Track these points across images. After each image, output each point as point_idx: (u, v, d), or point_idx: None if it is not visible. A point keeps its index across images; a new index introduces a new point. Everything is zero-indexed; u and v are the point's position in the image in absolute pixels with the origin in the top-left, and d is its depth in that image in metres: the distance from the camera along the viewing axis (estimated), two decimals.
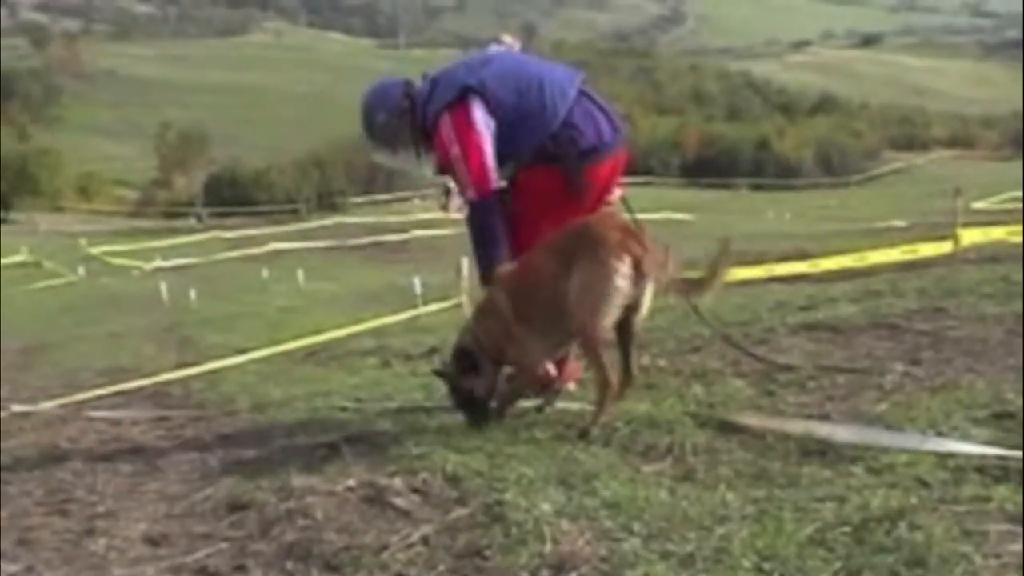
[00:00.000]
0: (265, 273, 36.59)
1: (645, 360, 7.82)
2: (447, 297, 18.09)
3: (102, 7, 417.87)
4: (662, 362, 7.78)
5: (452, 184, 7.15)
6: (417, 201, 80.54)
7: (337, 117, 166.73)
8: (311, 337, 13.86)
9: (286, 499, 5.21)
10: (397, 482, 5.17)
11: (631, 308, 5.94)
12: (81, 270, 45.23)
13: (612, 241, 5.84)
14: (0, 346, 23.81)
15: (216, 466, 6.48)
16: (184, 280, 35.65)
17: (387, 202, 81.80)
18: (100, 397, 11.16)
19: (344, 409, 7.51)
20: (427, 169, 7.16)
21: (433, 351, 11.07)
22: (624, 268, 5.77)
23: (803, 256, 20.73)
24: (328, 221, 63.60)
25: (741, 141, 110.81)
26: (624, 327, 6.06)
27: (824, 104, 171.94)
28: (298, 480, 5.48)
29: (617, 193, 7.15)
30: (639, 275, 5.84)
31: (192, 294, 30.91)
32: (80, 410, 10.57)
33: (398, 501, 4.95)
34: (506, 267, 6.45)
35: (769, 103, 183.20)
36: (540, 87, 6.69)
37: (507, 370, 6.43)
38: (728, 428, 5.52)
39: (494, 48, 7.73)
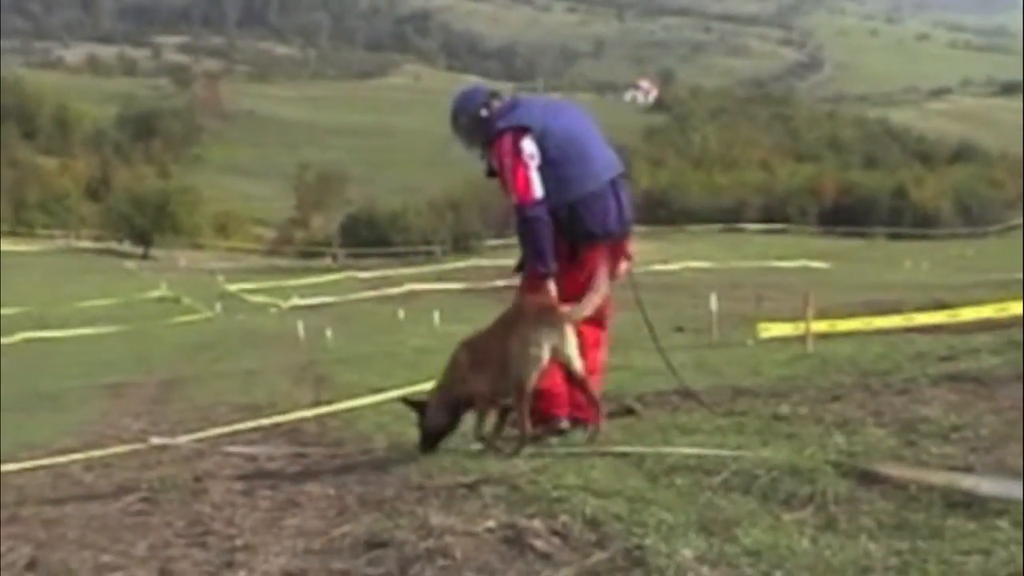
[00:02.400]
0: (401, 313, 36.87)
1: (785, 408, 7.77)
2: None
3: (244, 49, 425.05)
4: (803, 410, 7.70)
5: None
6: None
7: (473, 160, 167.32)
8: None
9: (425, 538, 5.19)
10: (536, 524, 5.15)
11: (560, 363, 7.34)
12: (218, 307, 45.90)
13: (533, 318, 7.28)
14: (139, 379, 24.24)
15: (354, 503, 6.50)
16: (320, 319, 36.05)
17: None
18: (237, 432, 11.30)
19: (482, 450, 7.51)
20: (486, 166, 8.09)
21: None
22: (542, 339, 7.17)
23: (942, 306, 20.48)
24: (463, 263, 63.90)
25: (879, 189, 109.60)
26: (568, 375, 7.49)
27: (963, 152, 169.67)
28: (437, 519, 5.47)
29: (624, 267, 8.31)
30: (556, 341, 7.23)
31: (328, 333, 31.19)
32: (217, 444, 10.71)
33: (538, 543, 4.93)
34: (470, 336, 7.92)
35: (907, 151, 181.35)
36: (581, 160, 7.63)
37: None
38: (870, 478, 5.45)
39: (568, 104, 8.47)
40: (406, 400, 8.23)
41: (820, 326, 18.45)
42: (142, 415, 16.29)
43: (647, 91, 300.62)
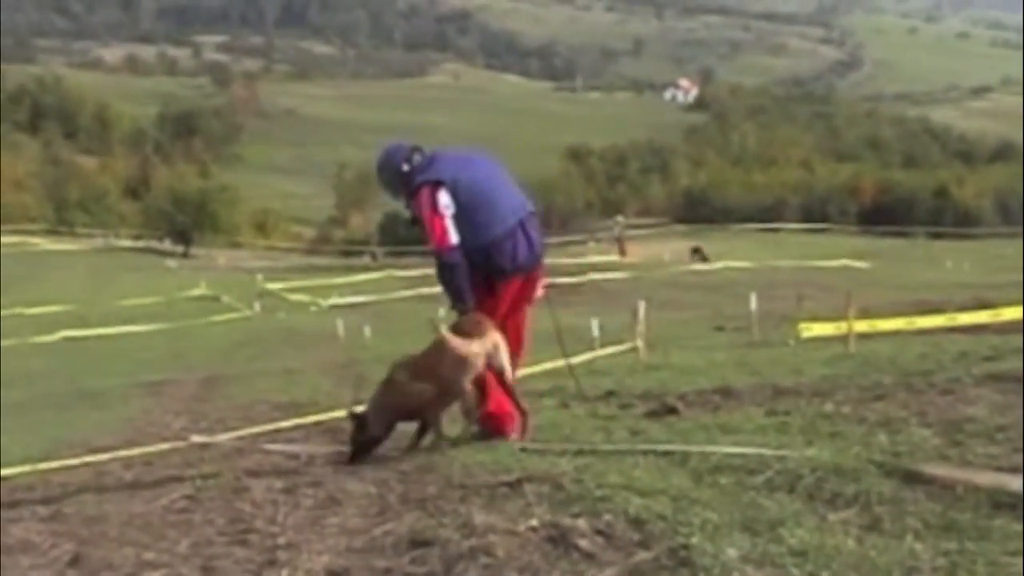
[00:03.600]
0: (441, 312, 36.81)
1: (828, 408, 7.74)
2: (622, 340, 18.08)
3: (283, 48, 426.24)
4: (846, 410, 7.67)
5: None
6: (592, 244, 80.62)
7: (513, 159, 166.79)
8: None
9: (468, 536, 5.18)
10: (580, 523, 5.13)
11: (495, 369, 8.19)
12: (257, 305, 45.89)
13: (467, 331, 8.15)
14: (180, 377, 24.31)
15: (395, 502, 6.49)
16: (360, 317, 36.03)
17: (561, 245, 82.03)
18: (277, 430, 11.31)
19: (524, 449, 7.49)
20: (409, 214, 8.94)
21: (610, 394, 11.05)
22: (475, 350, 8.03)
23: (983, 306, 20.34)
24: None
25: (919, 188, 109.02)
26: (500, 382, 8.30)
27: (1004, 151, 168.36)
28: (480, 518, 5.45)
29: (540, 293, 8.93)
30: (489, 349, 8.11)
31: (367, 331, 31.21)
32: (257, 443, 10.74)
33: (582, 542, 4.91)
34: (403, 358, 8.72)
35: (948, 150, 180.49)
36: (490, 208, 8.45)
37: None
38: (915, 478, 5.41)
39: (479, 156, 9.26)
40: (352, 414, 8.82)
41: (861, 326, 18.38)
42: (182, 413, 16.33)
43: (687, 90, 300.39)
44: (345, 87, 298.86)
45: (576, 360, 15.55)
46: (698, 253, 61.49)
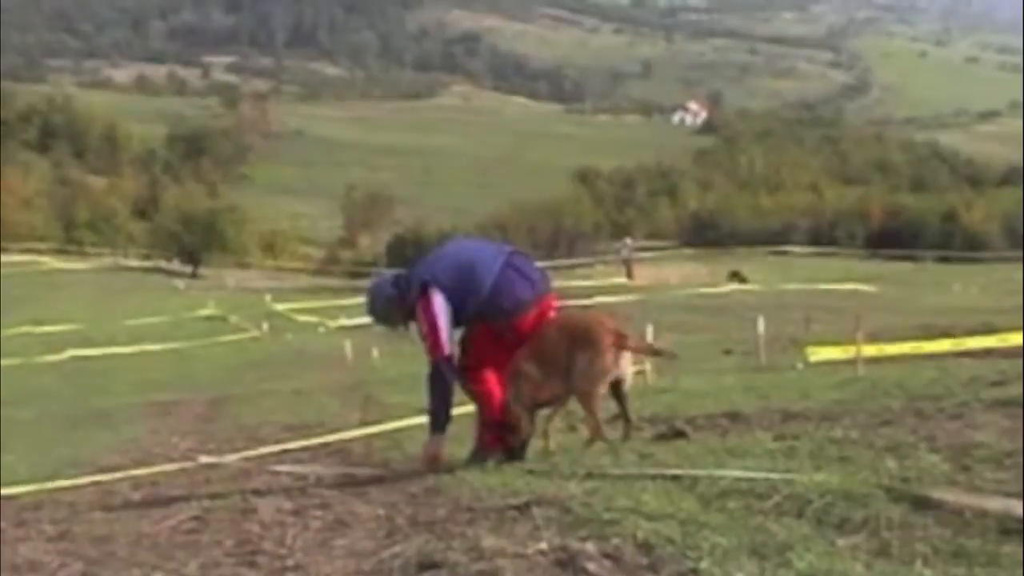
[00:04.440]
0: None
1: (836, 432, 7.73)
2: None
3: (292, 69, 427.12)
4: (854, 434, 7.66)
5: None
6: (599, 267, 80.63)
7: (521, 181, 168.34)
8: None
9: (477, 560, 5.17)
10: (589, 547, 5.12)
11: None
12: (265, 326, 45.91)
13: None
14: (187, 398, 24.34)
15: (404, 524, 6.49)
16: (367, 339, 36.01)
17: (570, 267, 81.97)
18: (285, 451, 11.33)
19: (532, 472, 7.50)
20: (413, 336, 9.39)
21: (618, 417, 11.05)
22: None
23: (992, 331, 20.32)
24: None
25: (927, 212, 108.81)
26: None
27: (1012, 176, 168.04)
28: (488, 541, 5.45)
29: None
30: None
31: (375, 353, 31.23)
32: (265, 463, 10.77)
33: (590, 566, 4.90)
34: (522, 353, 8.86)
35: (956, 174, 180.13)
36: (472, 269, 8.92)
37: None
38: (924, 503, 5.40)
39: (448, 244, 9.96)
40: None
41: (869, 350, 18.37)
42: (190, 433, 16.36)
43: (695, 113, 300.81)
44: (354, 108, 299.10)
45: None
46: (736, 276, 61.44)
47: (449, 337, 8.92)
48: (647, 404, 12.34)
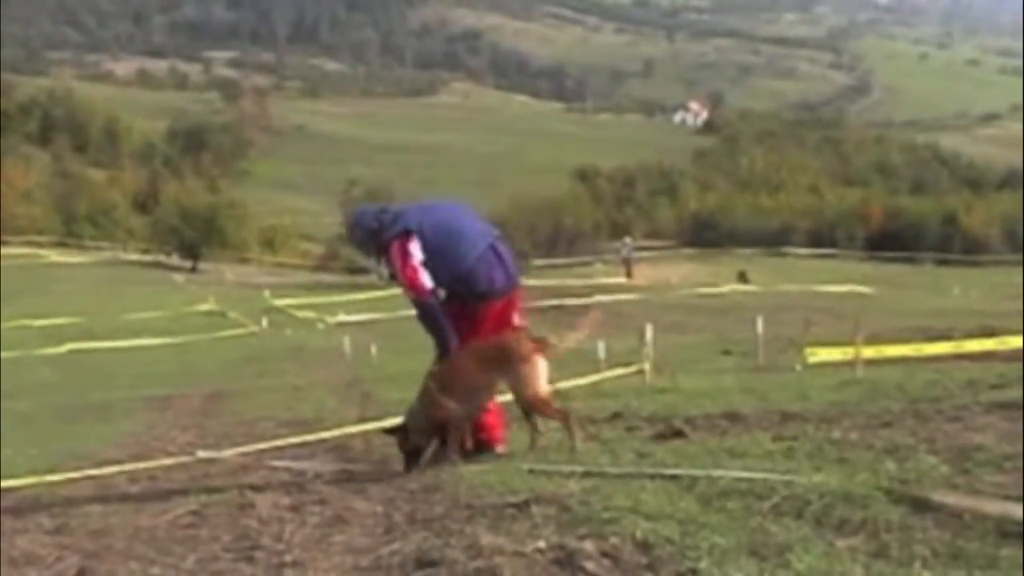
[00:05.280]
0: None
1: (835, 434, 7.73)
2: (630, 363, 18.05)
3: (293, 64, 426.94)
4: (853, 436, 7.66)
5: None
6: (599, 265, 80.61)
7: (521, 178, 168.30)
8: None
9: (475, 557, 5.17)
10: (587, 545, 5.11)
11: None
12: (264, 321, 45.87)
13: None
14: (186, 392, 24.32)
15: (402, 521, 6.49)
16: (366, 335, 36.02)
17: (569, 266, 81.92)
18: (283, 447, 11.32)
19: (531, 470, 7.49)
20: (383, 272, 9.56)
21: (616, 416, 11.04)
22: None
23: (991, 333, 20.33)
24: None
25: (927, 215, 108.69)
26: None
27: (1012, 179, 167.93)
28: (487, 539, 5.44)
29: (517, 316, 9.40)
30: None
31: (374, 349, 31.22)
32: (263, 459, 10.75)
33: (588, 565, 4.90)
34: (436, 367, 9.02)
35: (956, 177, 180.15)
36: (458, 239, 8.99)
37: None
38: (923, 505, 5.40)
39: (441, 202, 9.84)
40: (387, 429, 9.49)
41: (868, 352, 18.36)
42: (188, 428, 16.35)
43: (696, 113, 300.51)
44: (355, 105, 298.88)
45: (582, 382, 15.61)
46: (743, 277, 61.62)
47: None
48: (645, 403, 12.34)
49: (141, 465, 11.02)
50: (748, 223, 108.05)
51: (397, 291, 9.59)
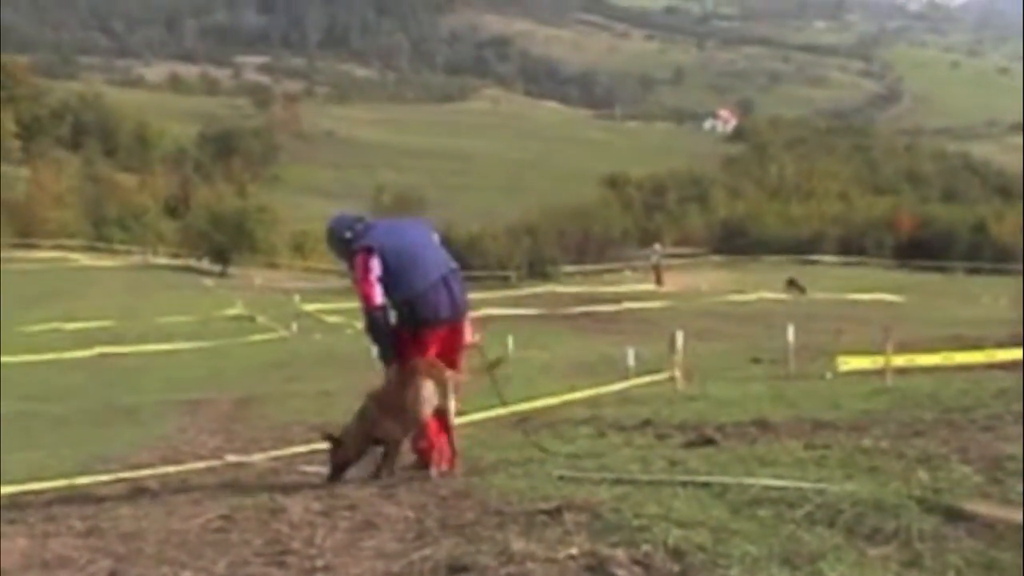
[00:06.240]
0: (476, 337, 36.67)
1: (866, 442, 7.71)
2: (659, 370, 18.02)
3: (324, 70, 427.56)
4: (884, 445, 7.64)
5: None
6: (628, 272, 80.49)
7: (551, 185, 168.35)
8: (523, 403, 13.86)
9: (506, 563, 5.16)
10: (619, 553, 5.10)
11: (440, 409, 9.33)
12: (294, 326, 45.94)
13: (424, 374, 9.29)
14: (215, 396, 24.36)
15: (433, 526, 6.48)
16: None
17: (598, 272, 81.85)
18: (313, 452, 11.32)
19: (562, 477, 7.48)
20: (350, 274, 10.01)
21: (647, 423, 11.02)
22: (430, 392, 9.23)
23: (1021, 343, 20.17)
24: (539, 289, 63.65)
25: (957, 223, 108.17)
26: (441, 421, 9.43)
27: None
28: (518, 545, 5.43)
29: (473, 340, 10.36)
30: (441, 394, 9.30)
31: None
32: (293, 463, 10.77)
33: (620, 572, 4.88)
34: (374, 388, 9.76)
35: (987, 185, 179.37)
36: (414, 265, 9.58)
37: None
38: (956, 515, 5.38)
39: (410, 223, 10.78)
40: (329, 436, 9.71)
41: (899, 360, 18.29)
42: (217, 432, 16.38)
43: (726, 120, 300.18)
44: (385, 111, 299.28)
45: (611, 389, 15.58)
46: (794, 285, 60.89)
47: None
48: (676, 411, 12.32)
49: (171, 469, 11.05)
50: (777, 231, 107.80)
51: None
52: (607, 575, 4.89)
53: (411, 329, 9.64)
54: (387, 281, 9.53)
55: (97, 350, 38.11)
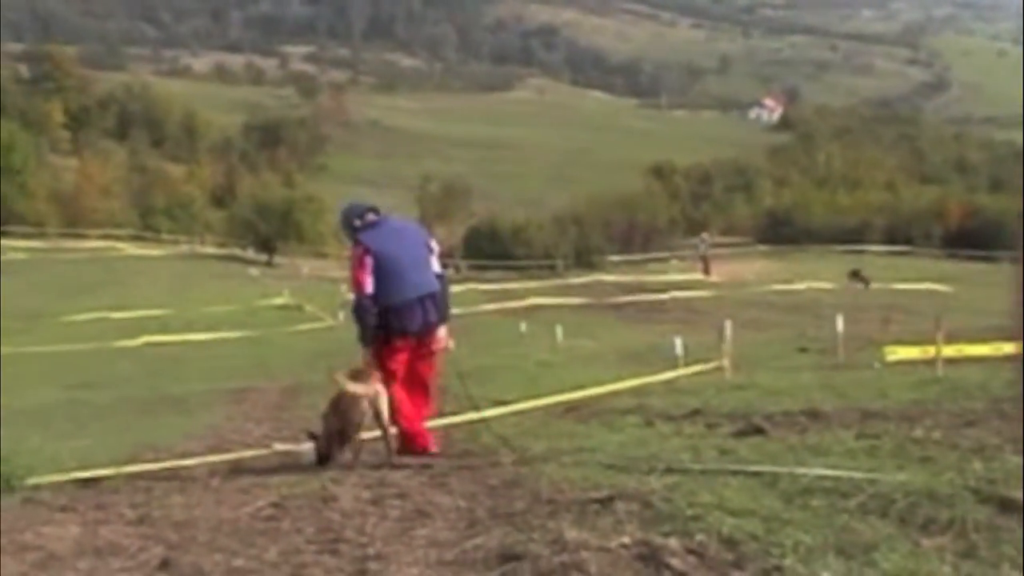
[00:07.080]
0: (523, 327, 36.66)
1: (918, 432, 7.66)
2: (707, 359, 17.96)
3: (369, 60, 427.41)
4: (936, 435, 7.58)
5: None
6: (675, 262, 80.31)
7: (596, 175, 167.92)
8: (571, 392, 13.84)
9: (559, 552, 5.15)
10: (672, 542, 5.09)
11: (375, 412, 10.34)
12: (341, 315, 45.95)
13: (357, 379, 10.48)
14: (262, 385, 24.42)
15: (484, 516, 6.49)
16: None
17: (644, 262, 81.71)
18: (361, 441, 11.32)
19: (612, 466, 7.46)
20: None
21: (696, 413, 10.99)
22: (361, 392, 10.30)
23: None
24: (586, 278, 63.59)
25: (1005, 213, 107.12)
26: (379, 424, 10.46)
27: None
28: (571, 534, 5.42)
29: (440, 346, 11.25)
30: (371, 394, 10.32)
31: (451, 344, 31.21)
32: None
33: (674, 561, 4.88)
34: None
35: None
36: (398, 280, 10.46)
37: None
38: (1010, 506, 5.34)
39: (411, 235, 11.16)
40: (310, 433, 10.75)
41: (948, 351, 18.19)
42: (265, 421, 16.42)
43: (772, 109, 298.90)
44: (431, 100, 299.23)
45: (659, 378, 15.54)
46: (857, 276, 60.26)
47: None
48: (725, 400, 12.29)
49: (220, 457, 11.08)
50: (824, 220, 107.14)
51: (471, 285, 10.02)
52: (660, 564, 4.88)
53: (383, 332, 10.57)
54: (373, 281, 10.48)
55: (144, 339, 38.31)
